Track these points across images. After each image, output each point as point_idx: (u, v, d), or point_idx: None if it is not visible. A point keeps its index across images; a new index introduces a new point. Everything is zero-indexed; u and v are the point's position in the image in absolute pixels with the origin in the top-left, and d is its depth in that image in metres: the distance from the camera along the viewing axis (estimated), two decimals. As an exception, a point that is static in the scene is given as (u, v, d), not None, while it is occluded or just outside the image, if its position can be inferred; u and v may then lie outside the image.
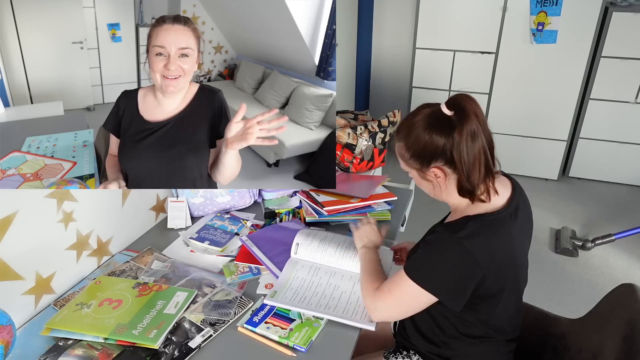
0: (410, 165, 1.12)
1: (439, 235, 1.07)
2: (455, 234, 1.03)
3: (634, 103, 3.31)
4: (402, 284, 1.08)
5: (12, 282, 1.15)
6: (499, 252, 1.05)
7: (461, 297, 1.05)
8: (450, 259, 1.03)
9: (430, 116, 1.05)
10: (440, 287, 1.05)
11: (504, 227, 1.07)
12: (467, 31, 3.45)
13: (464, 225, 1.05)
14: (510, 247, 1.09)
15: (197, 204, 1.67)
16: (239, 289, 1.31)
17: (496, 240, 1.05)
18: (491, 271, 1.03)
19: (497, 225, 1.06)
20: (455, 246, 1.02)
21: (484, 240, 1.03)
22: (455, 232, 1.03)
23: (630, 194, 3.51)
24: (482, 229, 1.04)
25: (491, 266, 1.03)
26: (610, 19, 3.13)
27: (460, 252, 1.02)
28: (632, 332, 1.02)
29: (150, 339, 1.10)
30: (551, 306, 1.38)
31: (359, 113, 2.63)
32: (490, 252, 1.03)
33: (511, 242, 1.09)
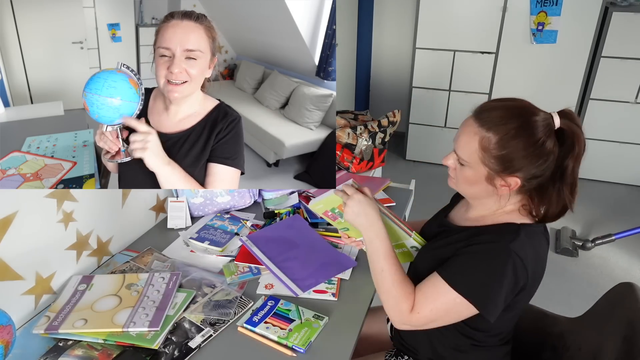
0: (486, 162, 0.98)
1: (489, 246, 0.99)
2: (510, 244, 0.96)
3: (634, 103, 3.31)
4: (447, 299, 0.98)
5: (12, 282, 1.16)
6: (540, 265, 1.03)
7: (501, 307, 0.99)
8: (505, 272, 0.96)
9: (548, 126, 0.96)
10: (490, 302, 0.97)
11: (542, 241, 1.04)
12: (467, 31, 3.45)
13: (516, 233, 0.98)
14: (544, 264, 1.06)
15: (197, 204, 1.67)
16: (239, 289, 1.31)
17: (537, 254, 1.02)
18: (531, 283, 1.01)
19: (540, 237, 1.03)
20: (511, 257, 0.95)
21: (533, 251, 0.99)
22: (509, 242, 0.96)
23: (630, 194, 3.51)
24: (532, 239, 1.00)
25: (533, 278, 1.00)
26: (610, 19, 3.13)
27: (515, 264, 0.95)
28: (632, 332, 1.02)
29: (148, 340, 1.10)
30: (551, 306, 1.38)
31: (359, 113, 2.64)
32: (534, 263, 0.99)
33: (545, 258, 1.06)
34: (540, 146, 0.94)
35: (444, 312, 1.01)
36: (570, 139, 0.96)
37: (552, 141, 0.95)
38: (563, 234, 2.92)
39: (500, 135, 0.95)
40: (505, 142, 0.95)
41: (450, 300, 0.99)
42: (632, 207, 3.34)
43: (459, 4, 3.39)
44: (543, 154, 0.95)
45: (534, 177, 0.98)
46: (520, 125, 0.95)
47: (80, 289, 1.27)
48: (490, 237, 1.00)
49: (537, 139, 0.94)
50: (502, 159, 0.96)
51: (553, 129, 0.96)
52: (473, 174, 1.01)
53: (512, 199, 1.04)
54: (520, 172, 0.97)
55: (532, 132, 0.95)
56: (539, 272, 1.04)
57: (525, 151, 0.94)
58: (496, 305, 0.98)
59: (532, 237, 1.00)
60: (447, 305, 0.99)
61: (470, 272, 0.98)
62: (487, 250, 0.98)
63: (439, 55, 3.60)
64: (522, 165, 0.96)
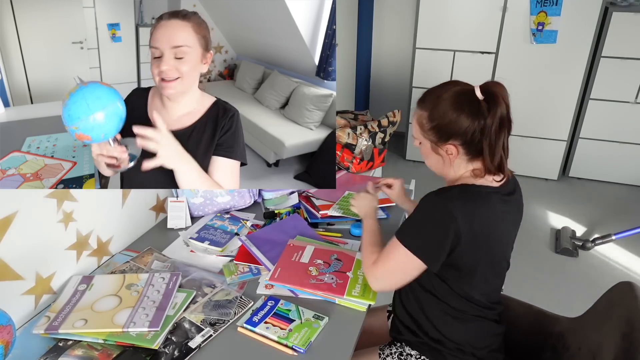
0: (425, 136, 1.15)
1: (427, 199, 1.12)
2: (440, 196, 1.10)
3: (634, 103, 3.31)
4: (395, 251, 1.13)
5: (12, 282, 1.16)
6: (478, 221, 1.09)
7: (441, 255, 1.10)
8: (433, 218, 1.09)
9: (462, 95, 1.09)
10: (423, 248, 1.10)
11: (489, 202, 1.12)
12: (467, 31, 3.45)
13: (451, 189, 1.12)
14: (492, 223, 1.12)
15: (197, 204, 1.67)
16: (239, 289, 1.31)
17: (478, 210, 1.10)
18: (468, 236, 1.07)
19: (483, 198, 1.12)
20: (438, 205, 1.09)
21: (465, 204, 1.08)
22: (440, 194, 1.10)
23: (630, 194, 3.51)
24: (466, 195, 1.10)
25: (469, 231, 1.07)
26: (610, 19, 3.13)
27: (441, 210, 1.08)
28: (631, 330, 1.02)
29: (148, 340, 1.10)
30: (551, 306, 1.38)
31: (359, 113, 2.63)
32: (469, 217, 1.07)
33: (494, 218, 1.13)
34: (461, 114, 1.07)
35: (395, 263, 1.15)
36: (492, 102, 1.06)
37: (474, 108, 1.07)
38: (563, 234, 2.92)
39: (429, 110, 1.12)
40: (432, 115, 1.12)
41: (398, 253, 1.13)
42: (632, 207, 3.34)
43: (459, 4, 3.39)
44: (466, 120, 1.07)
45: (467, 142, 1.10)
46: (441, 98, 1.10)
47: (80, 289, 1.27)
48: (430, 194, 1.13)
49: (458, 108, 1.08)
50: (434, 130, 1.12)
51: (476, 99, 1.07)
52: (424, 149, 1.18)
53: (464, 166, 1.16)
54: (453, 139, 1.11)
55: (453, 103, 1.09)
56: (480, 230, 1.09)
57: (450, 120, 1.09)
58: (429, 251, 1.10)
59: (467, 193, 1.11)
60: (397, 257, 1.14)
61: (410, 224, 1.14)
62: (423, 204, 1.12)
63: (439, 55, 3.60)
64: (451, 132, 1.10)
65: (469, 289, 1.17)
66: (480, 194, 1.12)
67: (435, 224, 1.09)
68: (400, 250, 1.12)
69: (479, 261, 1.14)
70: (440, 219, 1.08)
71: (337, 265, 1.37)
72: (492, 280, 1.21)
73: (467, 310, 1.19)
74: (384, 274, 1.17)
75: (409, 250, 1.11)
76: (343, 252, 1.44)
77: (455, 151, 1.12)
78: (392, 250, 1.15)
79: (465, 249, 1.09)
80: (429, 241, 1.10)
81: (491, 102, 1.06)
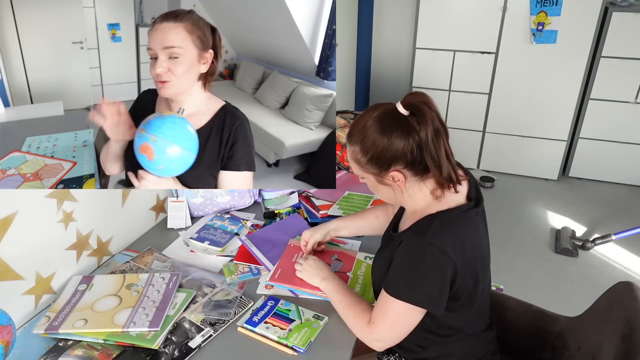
0: (366, 171, 1.07)
1: (408, 243, 1.04)
2: (423, 236, 1.01)
3: (634, 103, 3.31)
4: (391, 307, 1.04)
5: (12, 282, 1.16)
6: (468, 246, 1.04)
7: (444, 297, 1.03)
8: (427, 264, 1.00)
9: (385, 118, 1.01)
10: (425, 297, 1.01)
11: (468, 221, 1.06)
12: (467, 31, 3.45)
13: (429, 224, 1.02)
14: (477, 242, 1.08)
15: (197, 204, 1.67)
16: (239, 289, 1.31)
17: (463, 236, 1.03)
18: (462, 267, 1.02)
19: (462, 221, 1.05)
20: (428, 249, 1.00)
21: (452, 236, 1.01)
22: (423, 234, 1.01)
23: (630, 194, 3.51)
24: (448, 225, 1.03)
25: (462, 261, 1.02)
26: (610, 19, 3.13)
27: (434, 254, 0.99)
28: (631, 331, 1.02)
29: (148, 340, 1.10)
30: (551, 306, 1.38)
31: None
32: (459, 247, 1.01)
33: (477, 236, 1.08)
34: (391, 137, 0.99)
35: (395, 319, 1.05)
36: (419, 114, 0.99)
37: (403, 127, 0.99)
38: (563, 234, 2.92)
39: (359, 143, 1.04)
40: (364, 148, 1.03)
41: (397, 308, 1.03)
42: (632, 207, 3.34)
43: (459, 4, 3.39)
44: (400, 142, 0.99)
45: (409, 163, 1.01)
46: (366, 128, 1.02)
47: (81, 289, 1.27)
48: (409, 236, 1.05)
49: (386, 132, 1.00)
50: (372, 162, 1.03)
51: (401, 116, 1.00)
52: (370, 183, 1.11)
53: (418, 187, 1.07)
54: (394, 164, 1.02)
55: (379, 128, 1.00)
56: (468, 254, 1.04)
57: (384, 147, 1.00)
58: (432, 298, 1.01)
59: (447, 223, 1.03)
60: (396, 312, 1.04)
61: (401, 276, 1.03)
62: (407, 250, 1.03)
63: (438, 55, 3.60)
64: (390, 159, 1.01)
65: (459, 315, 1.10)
66: (459, 218, 1.05)
67: (429, 269, 1.00)
68: (398, 304, 1.03)
69: (477, 285, 1.09)
70: (433, 261, 1.00)
71: (338, 266, 1.37)
72: (487, 293, 1.18)
73: (464, 330, 1.15)
74: (384, 333, 1.08)
75: (409, 304, 1.02)
76: (343, 252, 1.44)
77: (402, 176, 1.03)
78: (387, 307, 1.05)
79: (462, 278, 1.03)
80: (429, 288, 1.01)
81: (418, 115, 0.98)
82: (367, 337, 1.10)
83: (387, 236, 1.21)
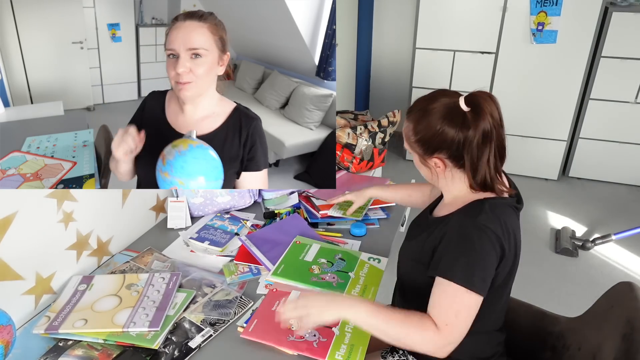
0: (413, 149, 1.10)
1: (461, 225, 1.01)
2: (477, 219, 0.99)
3: (634, 103, 3.31)
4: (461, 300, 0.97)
5: (12, 282, 1.16)
6: (513, 237, 1.04)
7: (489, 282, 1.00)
8: (485, 249, 0.97)
9: (447, 107, 1.02)
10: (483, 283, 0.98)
11: (513, 213, 1.07)
12: (467, 31, 3.45)
13: (481, 208, 1.01)
14: (519, 236, 1.08)
15: (197, 204, 1.67)
16: (239, 289, 1.31)
17: (511, 224, 1.03)
18: (507, 256, 1.01)
19: (509, 210, 1.06)
20: (483, 230, 0.98)
21: (501, 222, 1.01)
22: (476, 217, 1.00)
23: (630, 194, 3.51)
24: (498, 211, 1.02)
25: (509, 250, 1.01)
26: (610, 19, 3.13)
27: (489, 237, 0.98)
28: (632, 331, 1.02)
29: (148, 340, 1.10)
30: (551, 306, 1.38)
31: (358, 113, 2.64)
32: (507, 235, 1.01)
33: (519, 230, 1.08)
34: (444, 126, 1.01)
35: (467, 313, 0.98)
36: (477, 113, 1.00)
37: (458, 120, 1.01)
38: (563, 234, 2.92)
39: (413, 123, 1.07)
40: (416, 128, 1.06)
41: (468, 299, 0.97)
42: (632, 207, 3.34)
43: (459, 4, 3.39)
44: (450, 132, 1.01)
45: (453, 154, 1.04)
46: (426, 110, 1.04)
47: (81, 289, 1.27)
48: (458, 219, 1.04)
49: (441, 120, 1.02)
50: (419, 143, 1.07)
51: (460, 111, 1.01)
52: (415, 160, 1.14)
53: (458, 176, 1.08)
54: (438, 152, 1.05)
55: (437, 115, 1.03)
56: (511, 245, 1.03)
57: (434, 133, 1.03)
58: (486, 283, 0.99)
59: (496, 209, 1.03)
60: (467, 305, 0.97)
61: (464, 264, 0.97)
62: (461, 233, 1.01)
63: (438, 55, 3.60)
64: (436, 145, 1.04)
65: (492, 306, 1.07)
66: (507, 206, 1.05)
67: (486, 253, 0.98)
68: (468, 296, 0.96)
69: (510, 277, 1.08)
70: (489, 244, 0.98)
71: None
72: (509, 292, 1.16)
73: (481, 325, 1.08)
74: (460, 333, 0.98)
75: (478, 294, 0.97)
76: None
77: (442, 164, 1.06)
78: (457, 301, 0.96)
79: (502, 267, 1.02)
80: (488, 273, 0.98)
81: (476, 114, 0.99)
82: (438, 345, 0.97)
83: (422, 221, 1.22)
